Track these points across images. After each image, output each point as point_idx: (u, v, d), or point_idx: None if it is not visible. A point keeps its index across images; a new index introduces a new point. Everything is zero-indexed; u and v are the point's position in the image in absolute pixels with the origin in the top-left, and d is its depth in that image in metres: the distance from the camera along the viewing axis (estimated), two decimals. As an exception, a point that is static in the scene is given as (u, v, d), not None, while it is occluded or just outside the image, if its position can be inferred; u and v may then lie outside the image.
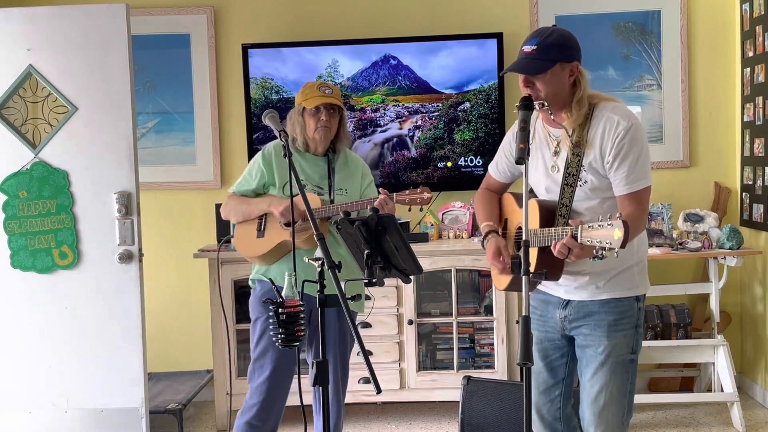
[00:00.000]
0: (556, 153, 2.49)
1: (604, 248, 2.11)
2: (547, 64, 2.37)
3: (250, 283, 3.33)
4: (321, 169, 3.20)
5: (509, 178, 2.75)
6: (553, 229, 2.36)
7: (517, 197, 2.65)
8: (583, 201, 2.47)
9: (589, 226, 2.19)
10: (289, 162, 2.49)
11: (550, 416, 2.69)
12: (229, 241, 3.35)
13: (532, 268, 2.36)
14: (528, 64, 2.39)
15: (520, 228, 2.55)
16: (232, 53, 4.82)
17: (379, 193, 3.07)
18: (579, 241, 2.20)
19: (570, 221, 2.36)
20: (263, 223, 3.19)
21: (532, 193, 2.64)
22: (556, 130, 2.50)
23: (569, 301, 2.55)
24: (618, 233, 2.08)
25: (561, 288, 2.56)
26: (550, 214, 2.45)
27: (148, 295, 3.89)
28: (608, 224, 2.11)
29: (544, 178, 2.54)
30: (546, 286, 2.61)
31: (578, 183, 2.44)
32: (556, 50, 2.38)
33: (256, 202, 3.22)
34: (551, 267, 2.42)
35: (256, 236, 3.18)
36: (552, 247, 2.32)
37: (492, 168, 2.80)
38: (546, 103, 2.40)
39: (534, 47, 2.39)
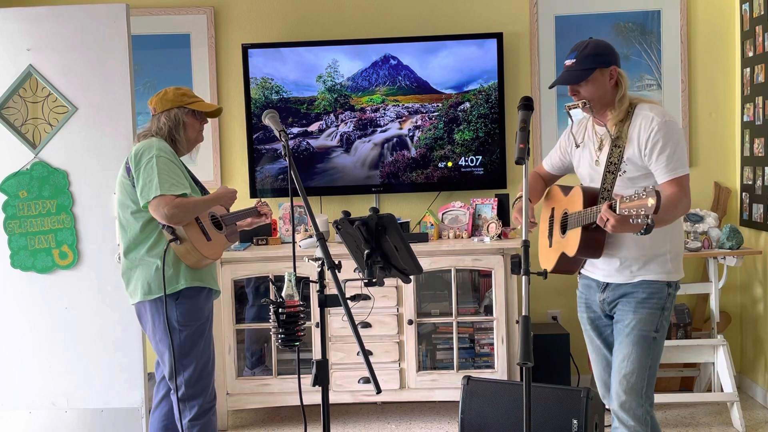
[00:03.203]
0: (600, 148, 2.79)
1: (639, 216, 2.33)
2: (586, 72, 2.71)
3: (169, 290, 3.03)
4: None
5: (559, 170, 3.10)
6: (595, 207, 2.64)
7: (564, 188, 2.98)
8: (622, 189, 2.69)
9: (626, 198, 2.42)
10: (289, 162, 2.48)
11: None
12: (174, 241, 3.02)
13: (575, 248, 2.71)
14: (570, 75, 2.74)
15: (566, 213, 2.86)
16: (232, 53, 4.82)
17: None
18: (617, 212, 2.43)
19: (614, 196, 2.64)
20: (202, 226, 3.09)
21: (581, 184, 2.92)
22: (600, 128, 2.80)
23: (608, 284, 2.81)
24: (651, 201, 2.28)
25: (600, 272, 2.82)
26: (592, 199, 2.74)
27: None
28: (643, 194, 2.33)
29: (589, 170, 2.85)
30: (588, 271, 2.89)
31: (618, 173, 2.71)
32: (592, 59, 2.71)
33: (204, 200, 3.11)
34: (593, 245, 2.72)
35: (206, 240, 3.07)
36: (597, 220, 2.54)
37: (546, 161, 3.13)
38: (588, 103, 2.73)
39: (573, 60, 2.74)
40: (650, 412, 2.74)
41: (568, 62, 2.76)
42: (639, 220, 2.34)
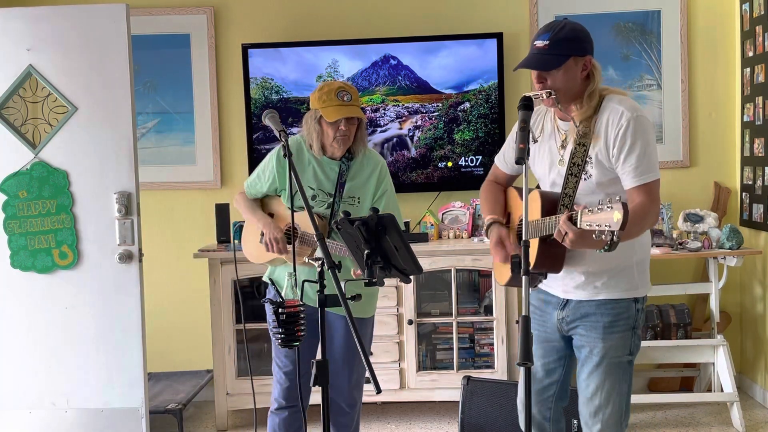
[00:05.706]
0: (563, 146, 2.46)
1: (603, 232, 2.05)
2: (559, 59, 2.36)
3: (266, 280, 3.29)
4: (335, 174, 3.09)
5: (516, 170, 2.71)
6: (554, 216, 2.31)
7: (521, 192, 2.58)
8: (587, 195, 2.42)
9: (588, 210, 2.13)
10: (288, 164, 2.47)
11: (540, 415, 2.67)
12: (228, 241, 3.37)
13: (532, 260, 2.35)
14: (540, 59, 2.37)
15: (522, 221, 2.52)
16: (232, 53, 4.82)
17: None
18: (578, 225, 2.14)
19: (575, 206, 2.30)
20: None
21: (538, 187, 2.62)
22: (564, 123, 2.48)
23: (567, 301, 2.52)
24: (617, 215, 2.00)
25: (559, 287, 2.54)
26: (552, 205, 2.41)
27: (148, 295, 3.90)
28: (608, 207, 2.05)
29: (549, 170, 2.51)
30: (546, 285, 2.58)
31: (583, 175, 2.40)
32: (568, 45, 2.37)
33: (256, 215, 3.23)
34: (552, 258, 2.39)
35: (259, 240, 3.19)
36: (555, 234, 2.25)
37: (499, 159, 2.77)
38: (553, 93, 2.37)
39: (546, 42, 2.37)
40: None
41: (539, 43, 2.38)
42: (603, 237, 2.05)
